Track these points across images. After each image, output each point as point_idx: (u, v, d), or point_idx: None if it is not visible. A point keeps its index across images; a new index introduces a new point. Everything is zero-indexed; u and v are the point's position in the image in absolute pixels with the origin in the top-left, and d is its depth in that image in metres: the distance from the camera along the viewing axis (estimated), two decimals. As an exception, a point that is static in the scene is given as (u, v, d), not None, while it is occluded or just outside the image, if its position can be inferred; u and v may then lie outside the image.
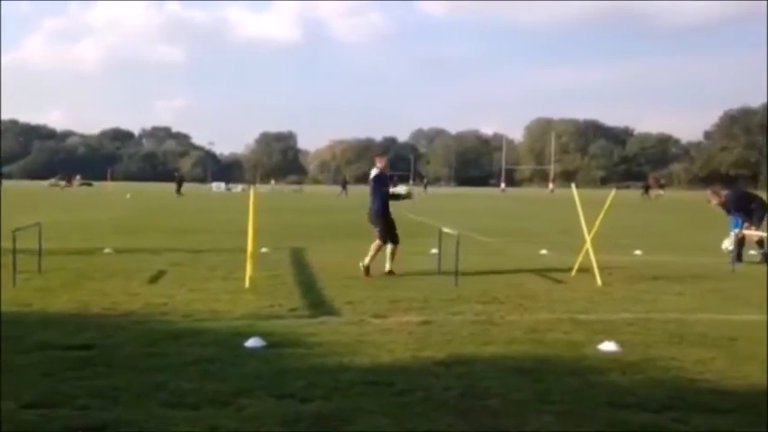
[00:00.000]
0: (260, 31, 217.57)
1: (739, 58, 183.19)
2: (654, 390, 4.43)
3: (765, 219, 11.82)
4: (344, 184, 59.26)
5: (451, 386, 4.44)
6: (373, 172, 9.97)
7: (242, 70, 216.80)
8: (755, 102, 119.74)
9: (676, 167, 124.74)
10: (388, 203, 9.85)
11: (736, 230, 11.48)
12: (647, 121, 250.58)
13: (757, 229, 11.52)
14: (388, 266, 9.58)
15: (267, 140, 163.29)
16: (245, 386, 4.37)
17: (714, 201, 12.14)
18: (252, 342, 5.41)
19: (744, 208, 11.78)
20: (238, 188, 71.47)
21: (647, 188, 57.23)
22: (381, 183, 9.86)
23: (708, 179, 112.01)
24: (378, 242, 9.60)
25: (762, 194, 12.44)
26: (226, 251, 11.98)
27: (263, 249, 11.96)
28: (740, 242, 11.50)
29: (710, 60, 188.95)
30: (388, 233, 9.65)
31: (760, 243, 11.49)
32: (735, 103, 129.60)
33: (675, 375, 4.77)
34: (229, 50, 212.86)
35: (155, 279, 8.94)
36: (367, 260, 9.42)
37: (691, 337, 5.91)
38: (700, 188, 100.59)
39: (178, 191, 42.02)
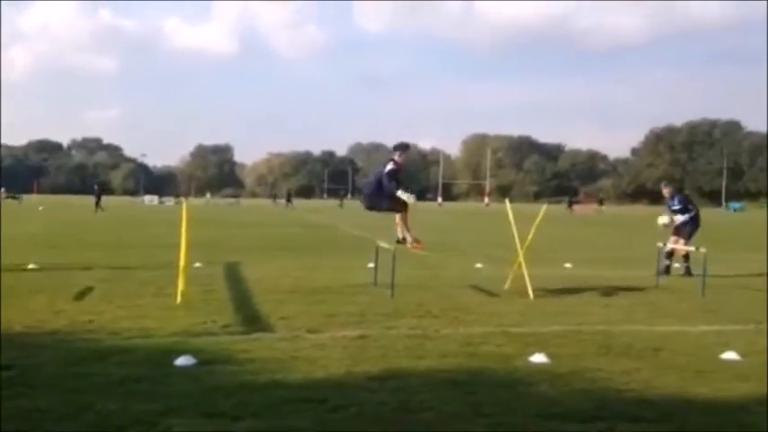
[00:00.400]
0: (196, 42, 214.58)
1: (664, 78, 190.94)
2: (582, 400, 4.54)
3: (693, 234, 12.30)
4: (289, 197, 59.33)
5: (385, 401, 4.44)
6: (389, 166, 9.23)
7: (177, 81, 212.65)
8: (679, 120, 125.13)
9: (605, 183, 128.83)
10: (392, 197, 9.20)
11: (667, 219, 12.29)
12: (577, 138, 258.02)
13: (686, 243, 12.00)
14: (401, 235, 9.57)
15: (203, 153, 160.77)
16: (173, 405, 4.26)
17: (666, 192, 12.83)
18: (182, 360, 5.29)
19: (683, 211, 12.35)
20: (172, 201, 70.04)
21: (571, 203, 59.10)
22: (393, 179, 9.14)
23: (635, 194, 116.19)
24: (402, 214, 9.47)
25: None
26: (157, 266, 11.70)
27: (197, 264, 11.73)
28: (668, 255, 11.95)
29: (636, 80, 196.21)
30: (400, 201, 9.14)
31: (686, 257, 11.95)
32: (660, 122, 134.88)
33: (602, 386, 4.90)
34: (164, 61, 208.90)
35: (81, 295, 8.65)
36: (401, 234, 9.54)
37: (617, 348, 6.09)
38: (627, 203, 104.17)
39: (97, 204, 40.54)
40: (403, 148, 9.57)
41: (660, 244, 10.82)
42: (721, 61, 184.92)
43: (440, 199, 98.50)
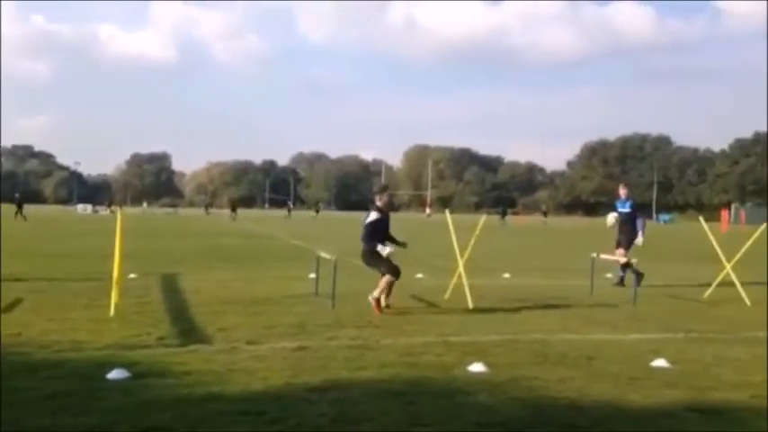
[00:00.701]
0: (133, 49, 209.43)
1: (597, 93, 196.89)
2: (518, 409, 4.62)
3: (631, 246, 12.68)
4: (234, 207, 58.68)
5: (325, 412, 4.42)
6: (371, 216, 8.92)
7: (113, 88, 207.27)
8: (612, 135, 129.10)
9: (542, 194, 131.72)
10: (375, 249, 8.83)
11: (615, 215, 12.75)
12: (515, 151, 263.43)
13: (626, 253, 12.38)
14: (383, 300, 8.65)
15: (139, 161, 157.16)
16: (106, 420, 4.14)
17: (623, 194, 13.12)
18: (115, 373, 5.15)
19: (632, 215, 12.76)
20: (106, 210, 68.17)
21: (503, 214, 60.44)
22: (373, 231, 8.86)
23: (570, 206, 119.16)
24: (388, 277, 8.69)
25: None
26: (90, 277, 11.36)
27: (131, 275, 11.45)
28: (623, 267, 12.28)
29: (571, 95, 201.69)
30: (393, 266, 8.74)
31: (625, 266, 12.32)
32: (594, 136, 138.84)
33: (538, 394, 4.99)
34: (100, 67, 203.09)
35: (9, 307, 8.32)
36: (376, 293, 8.62)
37: (553, 356, 6.22)
38: (563, 214, 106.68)
39: (18, 213, 39.02)
40: (383, 190, 9.23)
41: (594, 255, 11.10)
42: (651, 78, 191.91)
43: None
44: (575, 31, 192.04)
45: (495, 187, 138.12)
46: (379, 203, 9.03)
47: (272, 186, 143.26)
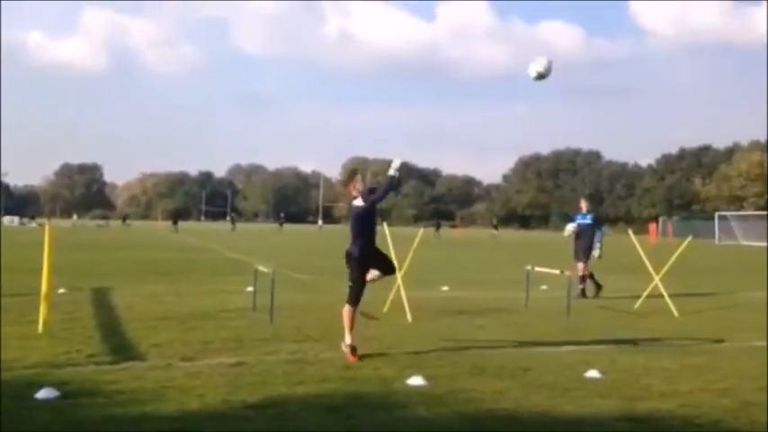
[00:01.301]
0: (62, 57, 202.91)
1: (530, 108, 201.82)
2: (456, 421, 4.66)
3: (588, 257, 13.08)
4: (175, 220, 57.97)
5: (263, 429, 4.36)
6: (357, 202, 7.01)
7: (41, 96, 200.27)
8: (545, 149, 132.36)
9: (479, 207, 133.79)
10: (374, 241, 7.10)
11: (575, 225, 13.31)
12: (452, 164, 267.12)
13: (585, 264, 12.81)
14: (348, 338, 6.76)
15: (69, 172, 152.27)
16: (33, 442, 3.98)
17: (584, 207, 13.61)
18: (44, 393, 4.96)
19: (592, 227, 13.22)
20: (33, 223, 65.73)
21: (438, 226, 61.51)
22: (364, 224, 7.02)
23: (506, 219, 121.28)
24: (348, 307, 6.95)
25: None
26: (17, 292, 10.91)
27: (61, 290, 11.07)
28: (582, 278, 12.67)
29: (505, 109, 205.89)
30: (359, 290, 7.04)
31: (583, 278, 12.72)
32: (528, 150, 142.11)
33: (476, 406, 5.05)
34: (26, 75, 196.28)
35: (-72, 325, 7.91)
36: (347, 338, 6.77)
37: (490, 368, 6.31)
38: (501, 227, 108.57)
39: None
40: (352, 174, 7.42)
41: (528, 267, 11.33)
42: (581, 95, 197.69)
43: (320, 222, 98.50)
44: (507, 48, 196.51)
45: (434, 200, 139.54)
46: (354, 192, 7.07)
47: (208, 198, 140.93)
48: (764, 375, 6.21)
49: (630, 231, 13.56)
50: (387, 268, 7.35)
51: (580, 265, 12.85)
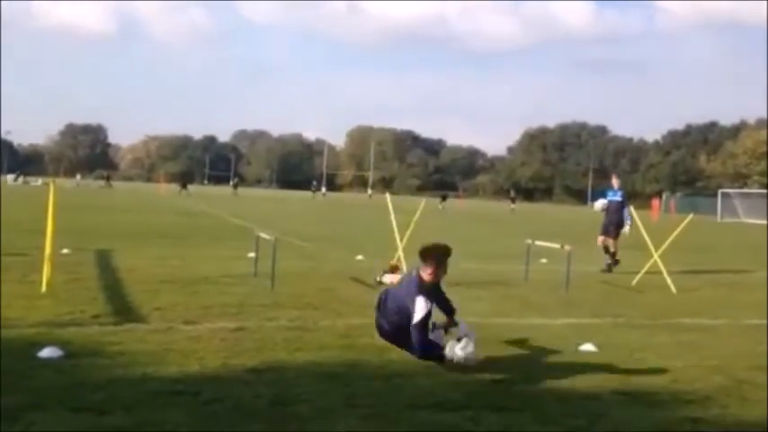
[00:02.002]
0: (70, 19, 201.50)
1: (538, 81, 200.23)
2: (452, 390, 4.74)
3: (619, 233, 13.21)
4: (185, 184, 58.24)
5: (261, 394, 4.44)
6: (419, 313, 5.33)
7: (48, 58, 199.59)
8: (551, 122, 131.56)
9: (483, 179, 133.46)
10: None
11: (605, 202, 13.50)
12: (457, 135, 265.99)
13: (615, 240, 13.00)
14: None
15: (73, 133, 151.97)
16: (37, 400, 4.07)
17: (615, 184, 13.77)
18: (47, 352, 5.04)
19: (620, 207, 13.33)
20: (38, 182, 65.81)
21: (444, 197, 60.64)
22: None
23: (509, 191, 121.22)
24: None
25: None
26: (20, 252, 11.00)
27: (64, 250, 11.15)
28: (609, 252, 12.91)
29: (513, 82, 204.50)
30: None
31: (613, 254, 12.94)
32: (534, 123, 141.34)
33: (472, 376, 5.13)
34: (34, 36, 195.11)
35: (-67, 282, 8.01)
36: None
37: (487, 340, 6.37)
38: (503, 199, 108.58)
39: None
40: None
41: (529, 241, 11.36)
42: (589, 69, 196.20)
43: (324, 189, 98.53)
44: (515, 21, 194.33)
45: (437, 170, 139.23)
46: (427, 277, 5.57)
47: (211, 163, 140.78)
48: (758, 354, 6.29)
49: (632, 207, 13.57)
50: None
51: (601, 239, 13.04)
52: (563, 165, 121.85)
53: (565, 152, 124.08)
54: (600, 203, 13.75)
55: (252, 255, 10.48)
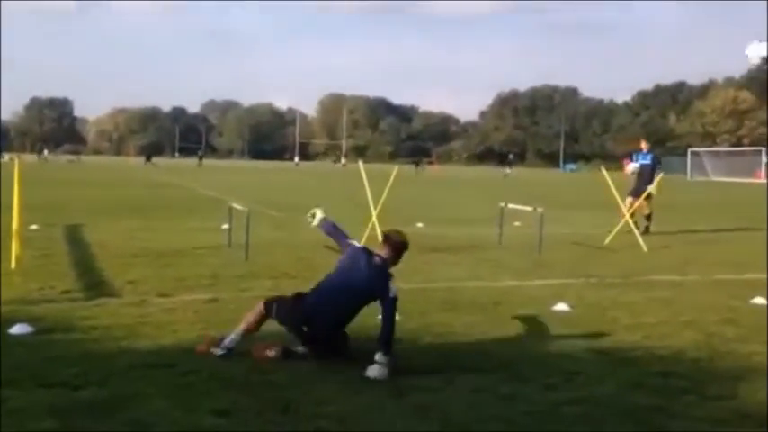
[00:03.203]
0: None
1: (508, 46, 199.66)
2: (427, 354, 4.78)
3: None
4: (149, 157, 57.17)
5: (238, 363, 4.43)
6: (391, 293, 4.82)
7: (7, 33, 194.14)
8: (523, 86, 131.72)
9: (456, 145, 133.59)
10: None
11: (637, 166, 13.75)
12: (429, 101, 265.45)
13: (648, 202, 13.03)
14: None
15: (38, 107, 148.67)
16: (9, 377, 4.02)
17: (644, 146, 14.03)
18: (17, 328, 4.97)
19: (652, 168, 13.50)
20: (5, 158, 64.46)
21: (417, 163, 60.73)
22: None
23: (483, 156, 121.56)
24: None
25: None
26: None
27: (33, 226, 10.97)
28: (648, 217, 12.97)
29: (483, 47, 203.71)
30: None
31: (649, 216, 13.07)
32: (505, 87, 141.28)
33: (447, 340, 5.17)
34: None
35: None
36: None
37: (461, 303, 6.43)
38: (476, 164, 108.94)
39: None
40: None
41: (502, 204, 11.41)
42: (557, 32, 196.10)
43: (297, 158, 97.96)
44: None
45: (410, 137, 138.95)
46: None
47: (182, 134, 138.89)
48: (728, 308, 6.43)
49: (603, 168, 13.68)
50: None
51: (629, 200, 12.99)
52: (535, 128, 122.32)
53: (536, 116, 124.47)
54: (632, 167, 13.95)
55: (225, 226, 10.39)
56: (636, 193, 13.20)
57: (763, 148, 56.39)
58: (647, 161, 13.68)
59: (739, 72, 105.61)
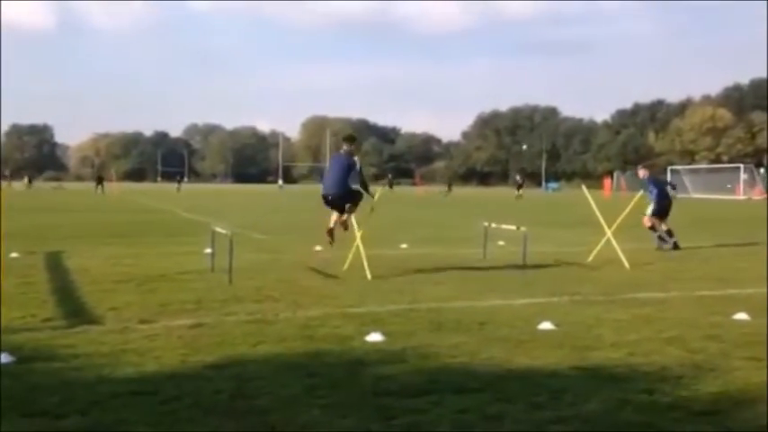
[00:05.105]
0: (6, 14, 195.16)
1: (490, 65, 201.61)
2: (413, 375, 4.75)
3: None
4: (100, 180, 55.88)
5: (222, 389, 4.39)
6: (356, 161, 10.03)
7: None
8: (503, 106, 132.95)
9: (439, 165, 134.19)
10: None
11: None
12: (412, 121, 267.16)
13: (661, 220, 13.56)
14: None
15: (18, 133, 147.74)
16: (-12, 408, 3.94)
17: (641, 174, 14.62)
18: (-2, 358, 4.89)
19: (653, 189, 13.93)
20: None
21: (391, 184, 60.24)
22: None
23: (466, 176, 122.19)
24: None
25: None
26: (-34, 258, 10.64)
27: (13, 254, 10.85)
28: (668, 233, 13.51)
29: (462, 66, 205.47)
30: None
31: (669, 233, 13.53)
32: (486, 107, 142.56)
33: (433, 361, 5.15)
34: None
35: None
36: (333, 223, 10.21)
37: (447, 323, 6.42)
38: (459, 184, 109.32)
39: None
40: (352, 140, 10.33)
41: (486, 223, 11.46)
42: (536, 51, 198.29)
43: (280, 181, 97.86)
44: (460, 5, 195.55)
45: (393, 158, 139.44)
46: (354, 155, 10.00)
47: (164, 159, 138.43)
48: (711, 324, 6.47)
49: (584, 186, 13.80)
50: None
51: (653, 221, 13.58)
52: (516, 148, 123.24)
53: (517, 135, 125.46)
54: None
55: (208, 250, 10.33)
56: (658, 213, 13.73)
57: (742, 165, 57.17)
58: (653, 189, 14.07)
59: (715, 90, 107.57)
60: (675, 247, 13.43)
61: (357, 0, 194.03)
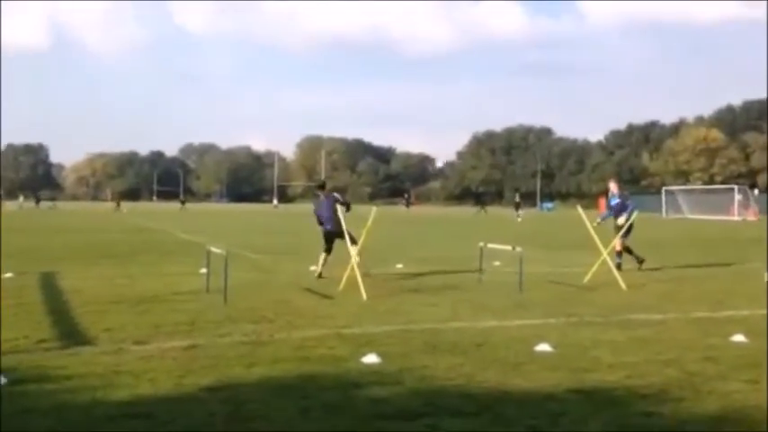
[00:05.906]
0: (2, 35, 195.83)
1: (478, 86, 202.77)
2: (409, 398, 4.72)
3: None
4: (118, 201, 56.76)
5: (216, 411, 4.35)
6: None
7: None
8: (498, 126, 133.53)
9: (434, 185, 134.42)
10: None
11: (605, 213, 14.12)
12: (407, 142, 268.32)
13: (621, 240, 12.99)
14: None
15: (14, 153, 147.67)
16: (-21, 432, 3.90)
17: (613, 188, 14.11)
18: (-11, 380, 4.84)
19: (623, 207, 13.51)
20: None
21: (483, 204, 59.46)
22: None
23: (461, 196, 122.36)
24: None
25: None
26: (-41, 278, 10.57)
27: (7, 274, 10.79)
28: (619, 254, 12.89)
29: (457, 86, 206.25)
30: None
31: (619, 253, 12.94)
32: (481, 127, 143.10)
33: (428, 383, 5.11)
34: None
35: None
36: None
37: (443, 345, 6.39)
38: (455, 204, 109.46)
39: None
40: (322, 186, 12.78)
41: (481, 244, 11.45)
42: (528, 73, 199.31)
43: (275, 201, 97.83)
44: (450, 27, 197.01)
45: (389, 178, 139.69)
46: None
47: (160, 178, 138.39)
48: (708, 346, 6.45)
49: (579, 207, 13.83)
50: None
51: (617, 242, 13.05)
52: (511, 168, 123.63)
53: (512, 155, 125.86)
54: (600, 218, 14.05)
55: (203, 270, 10.29)
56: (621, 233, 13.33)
57: (736, 186, 57.37)
58: (616, 200, 13.82)
59: (708, 111, 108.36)
60: (618, 267, 12.61)
61: (351, 21, 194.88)
